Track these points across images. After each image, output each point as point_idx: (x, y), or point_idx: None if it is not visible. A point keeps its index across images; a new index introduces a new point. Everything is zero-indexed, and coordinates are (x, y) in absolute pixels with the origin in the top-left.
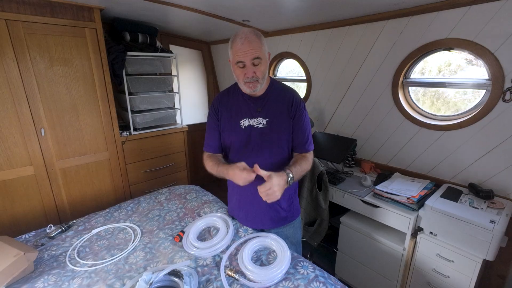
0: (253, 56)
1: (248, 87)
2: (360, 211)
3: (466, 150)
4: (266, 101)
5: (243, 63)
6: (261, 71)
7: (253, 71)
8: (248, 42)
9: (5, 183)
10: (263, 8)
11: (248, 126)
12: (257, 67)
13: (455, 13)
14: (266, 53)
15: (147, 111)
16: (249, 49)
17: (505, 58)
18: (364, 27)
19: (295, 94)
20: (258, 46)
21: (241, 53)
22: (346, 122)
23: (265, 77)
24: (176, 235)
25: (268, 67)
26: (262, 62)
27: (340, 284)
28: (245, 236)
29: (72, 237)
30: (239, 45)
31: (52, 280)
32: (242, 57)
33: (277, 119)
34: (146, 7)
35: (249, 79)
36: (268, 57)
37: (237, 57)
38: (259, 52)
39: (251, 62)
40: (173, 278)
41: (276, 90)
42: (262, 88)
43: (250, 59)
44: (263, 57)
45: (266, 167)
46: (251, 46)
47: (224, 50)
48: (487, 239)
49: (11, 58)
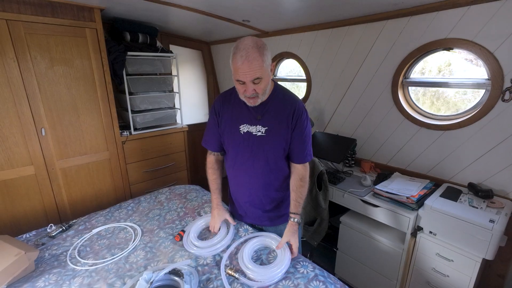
0: (253, 77)
1: (248, 102)
2: (360, 210)
3: (465, 149)
4: (266, 109)
5: (243, 82)
6: (261, 88)
7: (253, 89)
8: (248, 62)
9: (5, 182)
10: (263, 8)
11: (246, 132)
12: (257, 85)
13: (455, 13)
14: (269, 67)
15: (147, 111)
16: (249, 70)
17: (504, 58)
18: (364, 27)
19: (297, 104)
20: (259, 66)
21: (241, 73)
22: (346, 122)
23: (266, 92)
24: (176, 234)
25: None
26: (263, 80)
27: (339, 283)
28: (245, 235)
29: (72, 236)
30: (239, 63)
31: (53, 279)
32: (242, 77)
33: (276, 128)
34: (146, 7)
35: (249, 95)
36: (272, 69)
37: (237, 75)
38: (260, 72)
39: (251, 82)
40: (173, 277)
41: (278, 98)
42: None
43: (250, 80)
44: (264, 75)
45: (263, 174)
46: (251, 67)
47: (224, 50)
48: (486, 238)
49: (12, 58)
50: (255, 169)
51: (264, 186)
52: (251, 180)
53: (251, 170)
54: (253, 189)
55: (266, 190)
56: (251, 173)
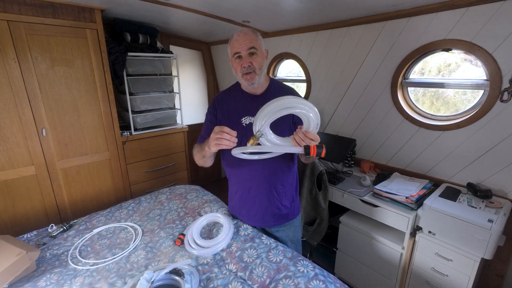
0: (248, 46)
1: (246, 80)
2: (359, 210)
3: (464, 150)
4: (266, 99)
5: (239, 54)
6: (258, 62)
7: (249, 61)
8: (243, 34)
9: (6, 183)
10: (263, 9)
11: (249, 124)
12: (253, 58)
13: (453, 14)
14: (263, 48)
15: (147, 111)
16: (245, 40)
17: (502, 59)
18: (363, 28)
19: (294, 92)
20: (253, 38)
21: (237, 44)
22: (346, 122)
23: (262, 70)
24: (176, 239)
25: (268, 67)
26: (258, 54)
27: (339, 282)
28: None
29: (73, 236)
30: (236, 37)
31: (54, 279)
32: (238, 47)
33: (277, 119)
34: (147, 8)
35: (246, 69)
36: (266, 54)
37: (234, 48)
38: (255, 43)
39: (247, 52)
40: (174, 277)
41: (276, 88)
42: (262, 86)
43: (245, 49)
44: (259, 48)
45: (268, 165)
46: (246, 37)
47: (224, 51)
48: (485, 238)
49: (13, 58)
50: (259, 161)
51: (269, 178)
52: (256, 173)
53: (256, 162)
54: (258, 182)
55: (271, 182)
56: (256, 166)
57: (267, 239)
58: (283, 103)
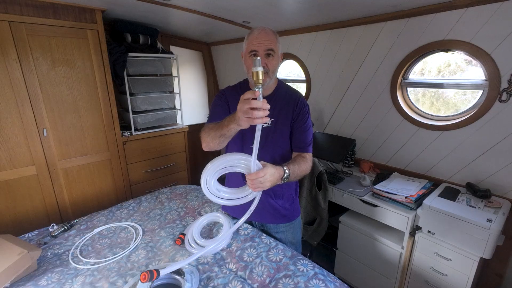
0: (267, 47)
1: None
2: (359, 210)
3: (463, 150)
4: (273, 101)
5: (257, 52)
6: (273, 65)
7: (265, 63)
8: (265, 34)
9: (8, 183)
10: (263, 9)
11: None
12: (269, 59)
13: (452, 15)
14: (280, 51)
15: (148, 112)
16: (265, 40)
17: (501, 59)
18: (363, 29)
19: (301, 96)
20: (273, 40)
21: (256, 42)
22: (345, 123)
23: (275, 73)
24: (177, 238)
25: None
26: (275, 56)
27: (338, 281)
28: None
29: (74, 236)
30: (256, 34)
31: (55, 278)
32: (257, 46)
33: (282, 119)
34: (147, 8)
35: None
36: (281, 58)
37: (251, 46)
38: (274, 45)
39: (264, 53)
40: (174, 276)
41: (283, 91)
42: (270, 87)
43: (263, 49)
44: (276, 51)
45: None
46: (267, 37)
47: (224, 51)
48: (484, 237)
49: (14, 59)
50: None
51: None
52: None
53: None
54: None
55: None
56: None
57: (267, 238)
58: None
